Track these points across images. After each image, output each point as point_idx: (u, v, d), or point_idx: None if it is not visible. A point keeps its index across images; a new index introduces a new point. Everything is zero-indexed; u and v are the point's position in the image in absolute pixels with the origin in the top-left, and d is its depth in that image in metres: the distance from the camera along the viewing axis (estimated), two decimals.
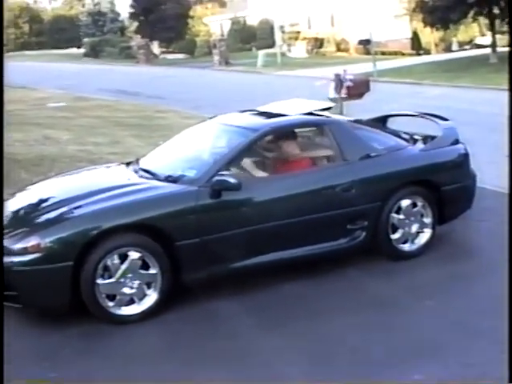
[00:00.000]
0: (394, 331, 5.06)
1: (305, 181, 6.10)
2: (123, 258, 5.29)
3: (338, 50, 44.38)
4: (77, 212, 5.42)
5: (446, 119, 7.32)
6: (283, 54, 43.67)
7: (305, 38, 46.64)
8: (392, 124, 7.71)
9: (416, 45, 44.62)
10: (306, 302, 5.68)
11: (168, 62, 45.96)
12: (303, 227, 5.95)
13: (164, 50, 54.90)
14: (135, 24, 54.70)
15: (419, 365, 4.50)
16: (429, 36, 43.37)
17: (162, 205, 5.53)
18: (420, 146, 6.86)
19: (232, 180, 5.54)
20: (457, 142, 7.01)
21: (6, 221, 5.62)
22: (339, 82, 11.23)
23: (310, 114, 6.66)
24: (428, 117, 7.40)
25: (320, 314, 5.40)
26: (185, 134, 7.07)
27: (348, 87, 11.15)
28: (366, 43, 36.44)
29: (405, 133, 7.21)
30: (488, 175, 8.41)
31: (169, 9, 50.60)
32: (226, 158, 5.89)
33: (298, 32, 48.56)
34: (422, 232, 6.58)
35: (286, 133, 6.47)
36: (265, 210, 5.82)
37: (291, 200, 5.95)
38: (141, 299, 5.40)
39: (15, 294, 5.18)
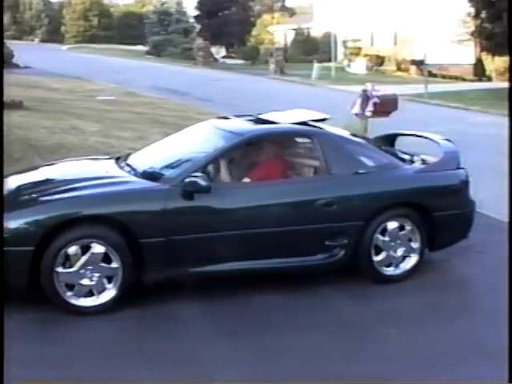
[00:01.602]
0: (342, 356, 4.86)
1: (284, 191, 5.96)
2: (85, 249, 5.24)
3: (399, 69, 43.77)
4: (44, 199, 5.42)
5: (450, 142, 7.06)
6: (342, 69, 43.40)
7: (366, 55, 46.19)
8: (415, 145, 7.44)
9: (479, 71, 43.80)
10: (269, 315, 5.53)
11: (226, 66, 46.13)
12: (277, 238, 5.81)
13: (225, 54, 55.17)
14: (199, 26, 55.16)
15: None
16: (492, 63, 42.53)
17: (130, 200, 5.47)
18: (416, 167, 6.62)
19: (202, 182, 5.44)
20: (458, 166, 6.76)
21: None
22: (366, 97, 11.02)
23: (305, 124, 6.50)
24: (431, 138, 7.15)
25: (278, 329, 5.24)
26: (180, 134, 7.01)
27: (375, 104, 10.94)
28: (419, 64, 35.86)
29: (409, 154, 6.98)
30: None
31: (233, 14, 50.92)
32: (203, 159, 5.80)
33: (360, 48, 48.10)
34: (409, 257, 6.34)
35: (271, 140, 6.34)
36: (237, 216, 5.71)
37: (266, 209, 5.82)
38: (100, 292, 5.35)
39: None
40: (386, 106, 11.04)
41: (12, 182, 6.14)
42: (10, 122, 13.52)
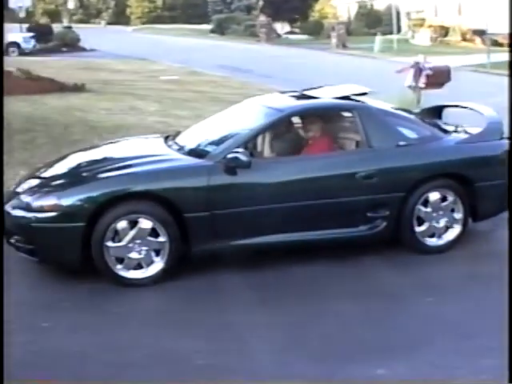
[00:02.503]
0: (379, 323, 5.02)
1: (325, 164, 6.10)
2: (133, 224, 5.53)
3: (464, 39, 42.86)
4: (93, 178, 5.73)
5: (494, 112, 7.05)
6: (406, 41, 42.80)
7: (430, 26, 45.33)
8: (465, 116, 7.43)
9: None
10: (310, 284, 5.72)
11: (289, 41, 46.09)
12: (319, 211, 5.97)
13: (289, 30, 55.01)
14: (261, 3, 55.08)
15: (388, 359, 4.45)
16: None
17: (175, 176, 5.72)
18: (458, 138, 6.66)
19: (243, 157, 5.64)
20: (501, 137, 6.77)
21: (42, 176, 6.13)
22: (418, 70, 11.01)
23: (347, 98, 6.61)
24: (475, 109, 7.16)
25: (316, 298, 5.44)
26: (226, 111, 7.22)
27: (427, 76, 10.90)
28: (480, 34, 35.02)
29: (453, 125, 7.02)
30: None
31: None
32: (245, 136, 6.00)
33: (424, 19, 47.31)
34: (452, 227, 6.42)
35: (313, 115, 6.49)
36: (279, 190, 5.88)
37: (307, 183, 5.97)
38: (148, 265, 5.63)
39: (32, 247, 5.56)
40: (438, 78, 11.00)
41: (73, 160, 6.48)
42: (71, 105, 14.07)
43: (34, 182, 6.06)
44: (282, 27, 53.84)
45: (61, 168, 6.27)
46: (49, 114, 12.52)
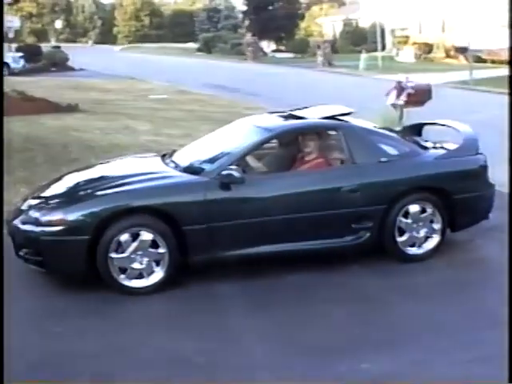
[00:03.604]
0: (364, 323, 5.48)
1: (312, 180, 6.58)
2: (135, 236, 5.96)
3: (447, 56, 43.67)
4: (97, 194, 6.18)
5: (469, 129, 7.53)
6: (391, 58, 43.51)
7: (414, 43, 46.23)
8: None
9: None
10: (299, 290, 6.16)
11: (275, 60, 46.77)
12: (307, 223, 6.43)
13: (275, 48, 55.73)
14: (247, 22, 55.88)
15: (372, 355, 4.90)
16: None
17: (173, 192, 6.18)
18: (436, 153, 7.14)
19: (237, 174, 6.11)
20: (477, 152, 7.25)
21: (43, 196, 6.56)
22: (401, 88, 11.48)
23: (332, 118, 7.09)
24: (453, 126, 7.64)
25: (306, 302, 5.90)
26: (219, 130, 7.69)
27: (409, 94, 11.38)
28: (462, 51, 35.70)
29: (431, 142, 7.50)
30: None
31: (280, 8, 51.45)
32: (237, 154, 6.46)
33: (408, 36, 48.19)
34: (431, 237, 6.88)
35: (300, 134, 6.97)
36: (271, 204, 6.34)
37: (297, 197, 6.43)
38: (149, 274, 6.06)
39: (41, 259, 5.98)
40: (419, 96, 11.43)
41: (71, 179, 6.92)
42: (67, 125, 14.50)
43: (39, 199, 6.49)
44: (268, 45, 54.61)
45: (66, 185, 6.71)
46: (46, 134, 12.97)
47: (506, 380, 4.12)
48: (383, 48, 41.68)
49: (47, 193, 6.67)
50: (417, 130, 8.15)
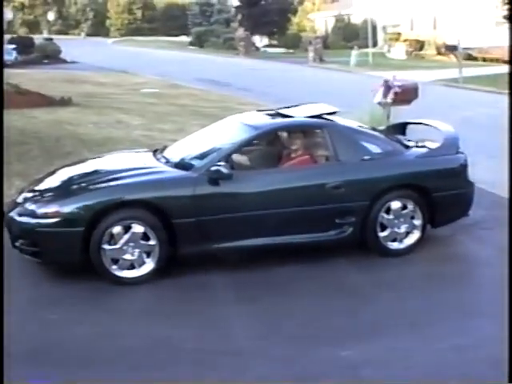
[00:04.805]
0: (346, 313, 5.77)
1: (298, 176, 6.85)
2: (127, 228, 6.23)
3: (439, 53, 43.95)
4: (91, 188, 6.44)
5: (450, 129, 7.81)
6: (382, 55, 43.81)
7: (406, 40, 46.51)
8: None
9: None
10: (285, 283, 6.44)
11: (267, 55, 46.94)
12: (293, 218, 6.70)
13: (267, 43, 55.90)
14: (240, 16, 55.99)
15: (352, 343, 5.18)
16: None
17: (164, 187, 6.44)
18: (418, 152, 7.41)
19: (225, 170, 6.38)
20: (457, 151, 7.53)
21: (38, 189, 6.81)
22: (388, 87, 11.74)
23: (318, 116, 7.35)
24: (434, 125, 7.92)
25: (290, 294, 6.17)
26: (209, 127, 7.94)
27: (396, 93, 11.63)
28: (452, 49, 35.95)
29: (414, 141, 7.77)
30: None
31: (272, 3, 51.62)
32: (226, 150, 6.72)
33: (399, 33, 48.48)
34: (412, 233, 7.16)
35: (286, 132, 7.25)
36: (258, 199, 6.61)
37: (283, 193, 6.71)
38: (140, 265, 6.33)
39: (36, 250, 6.24)
40: (406, 95, 11.66)
41: (64, 173, 7.17)
42: (60, 119, 14.72)
43: (34, 192, 6.74)
44: (260, 40, 54.72)
45: (60, 179, 6.96)
46: (40, 128, 13.20)
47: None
48: (375, 44, 41.99)
49: (42, 186, 6.92)
50: (401, 128, 8.45)
